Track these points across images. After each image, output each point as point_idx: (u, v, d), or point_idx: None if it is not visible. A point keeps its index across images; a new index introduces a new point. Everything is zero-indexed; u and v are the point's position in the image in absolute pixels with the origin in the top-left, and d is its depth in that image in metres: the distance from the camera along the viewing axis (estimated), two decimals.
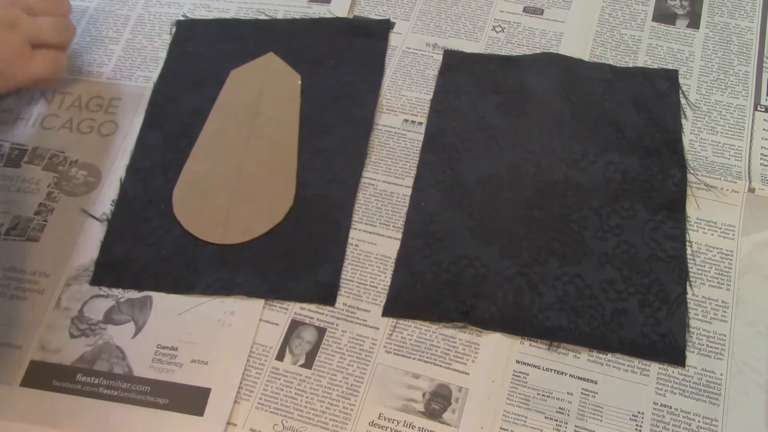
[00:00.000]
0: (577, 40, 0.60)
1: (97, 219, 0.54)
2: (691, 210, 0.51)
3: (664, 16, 0.61)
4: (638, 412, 0.44)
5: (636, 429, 0.44)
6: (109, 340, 0.49)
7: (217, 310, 0.50)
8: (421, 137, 0.56)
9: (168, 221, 0.53)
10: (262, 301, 0.50)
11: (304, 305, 0.50)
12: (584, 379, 0.46)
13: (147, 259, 0.52)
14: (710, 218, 0.51)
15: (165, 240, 0.52)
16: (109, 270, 0.52)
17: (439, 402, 0.45)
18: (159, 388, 0.47)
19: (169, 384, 0.47)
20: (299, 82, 0.59)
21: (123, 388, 0.47)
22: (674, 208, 0.51)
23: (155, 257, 0.52)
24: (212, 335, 0.49)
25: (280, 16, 0.64)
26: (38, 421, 0.46)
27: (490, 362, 0.46)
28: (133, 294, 0.51)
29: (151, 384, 0.47)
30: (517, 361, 0.46)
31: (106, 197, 0.55)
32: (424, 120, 0.57)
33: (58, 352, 0.49)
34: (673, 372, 0.45)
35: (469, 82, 0.59)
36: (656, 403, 0.44)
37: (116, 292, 0.51)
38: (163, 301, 0.50)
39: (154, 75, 0.61)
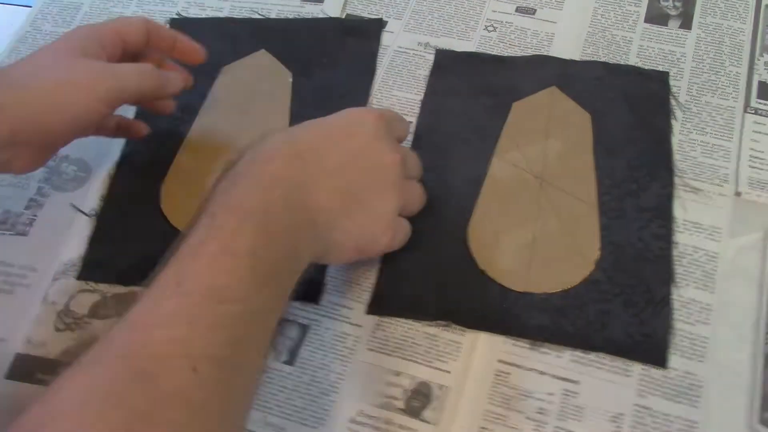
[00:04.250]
0: (568, 40, 0.60)
1: (85, 214, 0.54)
2: (678, 211, 0.51)
3: (656, 17, 0.61)
4: (619, 414, 0.44)
5: (616, 430, 0.43)
6: (94, 334, 0.49)
7: None
8: (411, 137, 0.56)
9: (156, 217, 0.53)
10: None
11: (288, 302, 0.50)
12: (566, 380, 0.45)
13: (134, 255, 0.52)
14: (697, 220, 0.50)
15: (152, 235, 0.52)
16: (97, 265, 0.52)
17: (419, 399, 0.45)
18: None
19: None
20: (290, 79, 0.59)
21: None
22: (661, 209, 0.51)
23: (142, 253, 0.52)
24: None
25: (273, 16, 0.65)
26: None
27: (472, 361, 0.46)
28: (120, 289, 0.51)
29: None
30: (499, 361, 0.46)
31: (95, 193, 0.55)
32: (414, 120, 0.57)
33: (44, 345, 0.49)
34: (654, 373, 0.45)
35: (460, 83, 0.58)
36: (637, 405, 0.44)
37: (103, 287, 0.51)
38: None
39: None
